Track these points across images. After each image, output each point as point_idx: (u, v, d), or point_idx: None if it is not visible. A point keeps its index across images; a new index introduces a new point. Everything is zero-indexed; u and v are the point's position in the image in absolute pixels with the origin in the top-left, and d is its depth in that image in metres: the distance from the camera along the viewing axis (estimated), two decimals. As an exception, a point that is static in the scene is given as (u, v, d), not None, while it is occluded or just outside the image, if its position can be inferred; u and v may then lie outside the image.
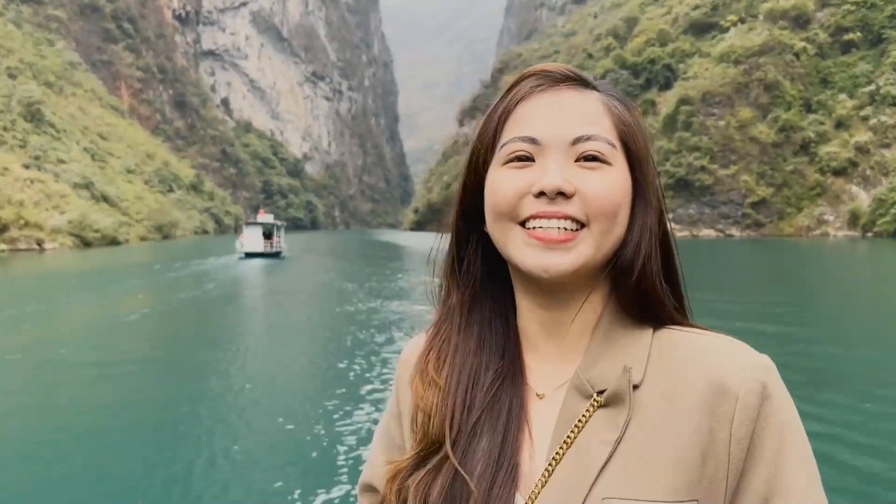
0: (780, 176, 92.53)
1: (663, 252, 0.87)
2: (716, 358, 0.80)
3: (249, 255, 49.90)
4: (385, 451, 0.99)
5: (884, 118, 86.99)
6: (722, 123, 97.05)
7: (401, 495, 0.87)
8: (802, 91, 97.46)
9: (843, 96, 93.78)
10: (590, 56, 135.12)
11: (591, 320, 0.87)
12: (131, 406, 9.79)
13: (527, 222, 0.81)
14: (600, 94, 0.87)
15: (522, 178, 0.81)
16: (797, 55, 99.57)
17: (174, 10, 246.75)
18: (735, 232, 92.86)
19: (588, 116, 0.83)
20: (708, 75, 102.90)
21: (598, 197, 0.80)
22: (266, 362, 13.18)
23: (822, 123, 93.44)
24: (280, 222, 58.56)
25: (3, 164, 73.33)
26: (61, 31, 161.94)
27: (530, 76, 0.87)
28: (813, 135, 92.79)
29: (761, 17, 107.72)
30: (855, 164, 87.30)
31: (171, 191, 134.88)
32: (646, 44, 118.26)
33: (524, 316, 0.90)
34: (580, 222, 0.80)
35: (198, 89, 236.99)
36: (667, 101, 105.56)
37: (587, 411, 0.81)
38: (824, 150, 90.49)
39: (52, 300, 23.32)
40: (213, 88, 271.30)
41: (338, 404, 9.60)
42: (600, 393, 0.81)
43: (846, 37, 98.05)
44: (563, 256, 0.79)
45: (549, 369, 0.88)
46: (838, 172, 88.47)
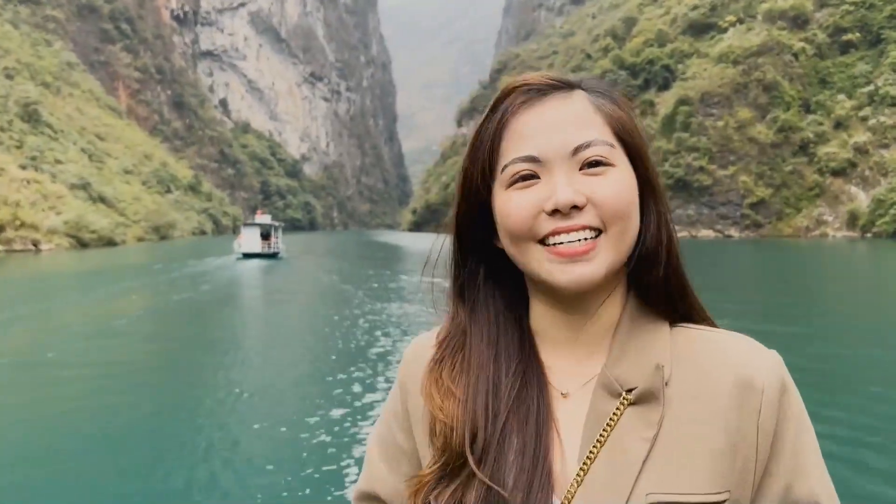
0: (778, 176, 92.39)
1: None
2: (739, 355, 0.83)
3: (247, 256, 50.05)
4: (387, 458, 0.97)
5: (883, 118, 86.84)
6: (720, 124, 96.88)
7: None
8: (801, 91, 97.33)
9: (841, 97, 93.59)
10: (588, 57, 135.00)
11: (612, 318, 0.88)
12: (126, 408, 9.64)
13: (546, 239, 0.81)
14: (587, 93, 0.87)
15: (532, 198, 0.82)
16: (796, 55, 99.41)
17: (172, 11, 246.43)
18: (734, 232, 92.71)
19: (582, 122, 0.83)
20: (706, 76, 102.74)
21: (609, 202, 0.80)
22: (262, 363, 13.01)
23: (821, 124, 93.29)
24: (278, 223, 58.65)
25: (0, 165, 73.07)
26: (59, 31, 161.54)
27: (514, 91, 0.86)
28: (812, 135, 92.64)
29: (760, 18, 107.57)
30: (854, 165, 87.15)
31: (168, 191, 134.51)
32: (644, 44, 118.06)
33: (541, 317, 0.91)
34: (597, 229, 0.81)
35: (196, 90, 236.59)
36: (665, 102, 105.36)
37: (617, 409, 0.82)
38: (823, 150, 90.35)
39: (46, 301, 23.08)
40: (211, 89, 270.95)
41: (336, 406, 9.47)
42: (629, 391, 0.82)
43: (845, 37, 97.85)
44: (587, 267, 0.80)
45: (570, 367, 0.88)
46: (837, 173, 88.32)
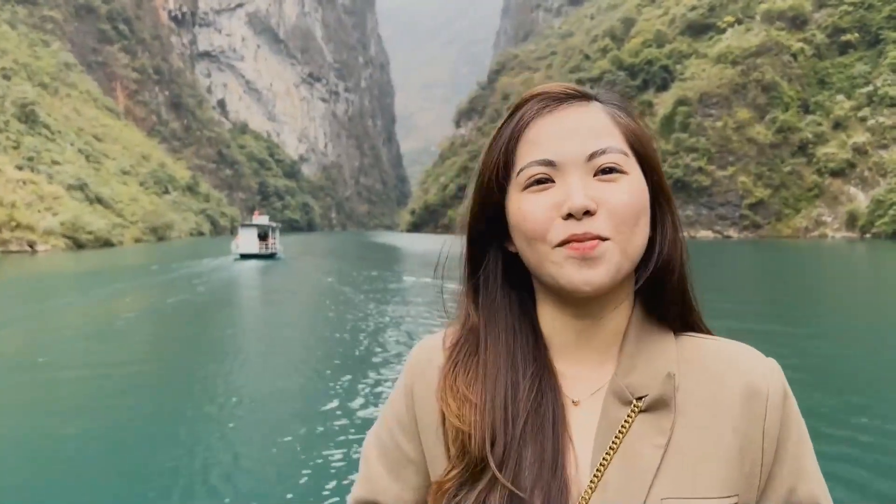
0: (777, 177, 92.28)
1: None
2: (744, 363, 0.87)
3: (245, 257, 50.06)
4: (389, 465, 0.96)
5: (882, 119, 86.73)
6: (719, 124, 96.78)
7: None
8: (800, 92, 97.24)
9: (840, 97, 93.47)
10: (587, 57, 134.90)
11: (619, 325, 0.90)
12: (121, 411, 9.51)
13: (562, 244, 0.83)
14: (602, 104, 0.89)
15: (548, 201, 0.84)
16: (794, 56, 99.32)
17: (170, 12, 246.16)
18: (733, 233, 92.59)
19: (598, 130, 0.86)
20: (705, 76, 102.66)
21: (620, 208, 0.82)
22: (259, 365, 12.89)
23: (820, 124, 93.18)
24: (275, 224, 58.87)
25: (-4, 166, 72.87)
26: (56, 32, 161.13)
27: (533, 98, 0.89)
28: (811, 136, 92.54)
29: (758, 18, 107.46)
30: (853, 166, 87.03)
31: (166, 192, 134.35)
32: (643, 45, 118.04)
33: (552, 324, 0.92)
34: (606, 238, 0.83)
35: (194, 91, 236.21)
36: (664, 103, 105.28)
37: (629, 417, 0.84)
38: (822, 151, 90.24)
39: (40, 303, 22.86)
40: (209, 90, 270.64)
41: (334, 408, 9.39)
42: (640, 399, 0.85)
43: (844, 37, 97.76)
44: (598, 268, 0.82)
45: (581, 375, 0.90)
46: (836, 173, 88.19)
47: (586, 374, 0.90)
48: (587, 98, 0.89)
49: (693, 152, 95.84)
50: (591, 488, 0.82)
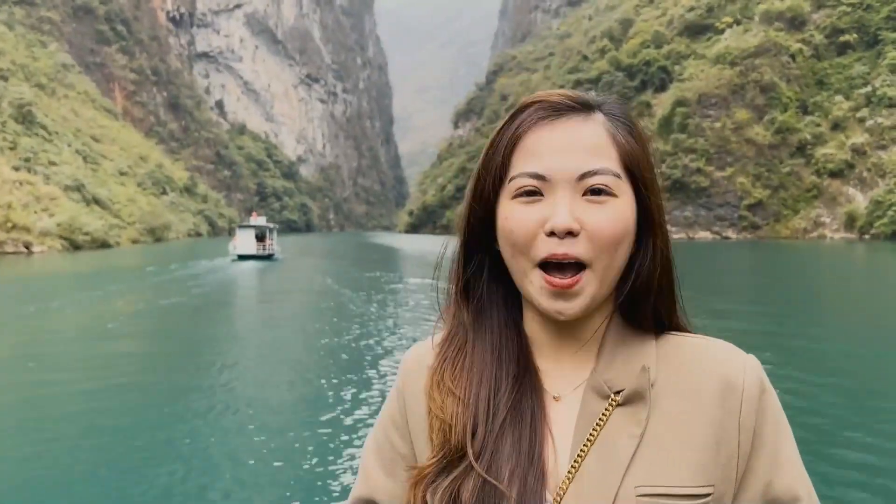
0: (776, 178, 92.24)
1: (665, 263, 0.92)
2: (719, 358, 0.89)
3: (242, 258, 50.27)
4: (384, 464, 0.99)
5: (880, 120, 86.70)
6: (718, 125, 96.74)
7: (427, 499, 0.89)
8: (798, 92, 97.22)
9: (839, 98, 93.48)
10: (585, 58, 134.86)
11: (600, 326, 0.92)
12: (116, 413, 9.38)
13: (542, 262, 0.85)
14: (604, 117, 0.89)
15: (534, 216, 0.85)
16: (793, 56, 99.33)
17: (168, 12, 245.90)
18: (731, 234, 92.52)
19: (593, 148, 0.86)
20: (703, 77, 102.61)
21: (602, 233, 0.84)
22: (256, 367, 12.77)
23: (819, 125, 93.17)
24: (273, 225, 59.08)
25: (-8, 167, 72.58)
26: (54, 32, 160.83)
27: (533, 104, 0.89)
28: (809, 136, 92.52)
29: (757, 19, 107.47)
30: (851, 166, 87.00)
31: (164, 193, 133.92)
32: (641, 45, 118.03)
33: (534, 326, 0.94)
34: (584, 263, 0.84)
35: (192, 91, 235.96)
36: (662, 103, 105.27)
37: (607, 410, 0.87)
38: (821, 151, 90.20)
39: (30, 305, 22.61)
40: (207, 91, 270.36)
41: (331, 410, 9.31)
42: (617, 393, 0.87)
43: (842, 38, 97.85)
44: (573, 302, 0.85)
45: (562, 373, 0.92)
46: (835, 174, 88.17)
47: (567, 371, 0.92)
48: (589, 108, 0.89)
49: (691, 153, 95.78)
50: (568, 478, 0.84)
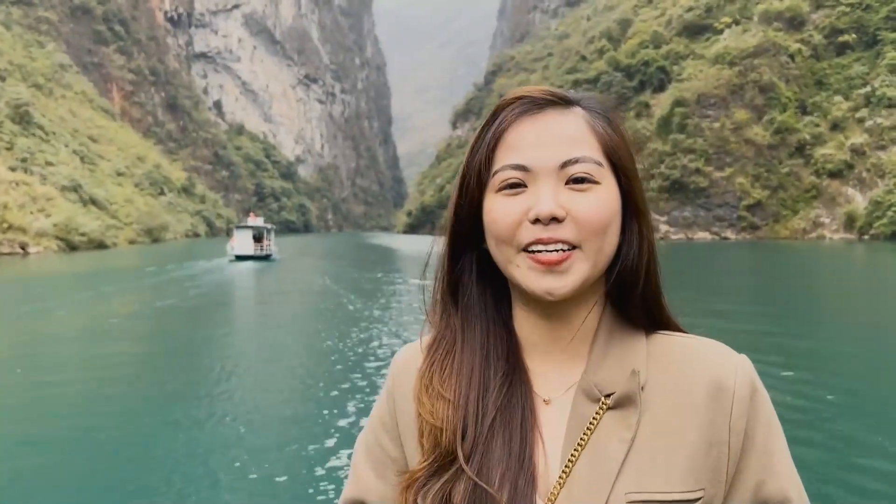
0: (775, 178, 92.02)
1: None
2: (710, 359, 0.88)
3: (240, 258, 50.50)
4: (374, 465, 0.99)
5: (879, 120, 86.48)
6: (717, 125, 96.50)
7: (419, 503, 0.88)
8: (797, 93, 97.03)
9: (838, 98, 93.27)
10: (583, 58, 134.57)
11: (590, 327, 0.92)
12: (108, 416, 9.23)
13: (527, 248, 0.85)
14: (583, 110, 0.90)
15: (518, 206, 0.86)
16: (792, 57, 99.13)
17: (166, 13, 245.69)
18: (730, 234, 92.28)
19: (574, 138, 0.87)
20: (702, 77, 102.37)
21: (588, 218, 0.84)
22: (252, 368, 12.68)
23: (818, 125, 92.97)
24: (270, 225, 59.27)
25: (-11, 167, 72.28)
26: (52, 33, 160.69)
27: (514, 101, 0.90)
28: (808, 137, 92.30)
29: (755, 19, 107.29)
30: (851, 167, 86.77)
31: (162, 193, 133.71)
32: (639, 46, 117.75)
33: (524, 325, 0.94)
34: (573, 245, 0.84)
35: (190, 92, 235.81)
36: (661, 103, 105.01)
37: (597, 414, 0.86)
38: (820, 152, 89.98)
39: (19, 307, 22.36)
40: (205, 91, 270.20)
41: (327, 411, 9.27)
42: (608, 396, 0.86)
43: (841, 38, 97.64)
44: (563, 279, 0.84)
45: (551, 374, 0.92)
46: (834, 175, 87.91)
47: (557, 372, 0.92)
48: (568, 103, 0.90)
49: (690, 153, 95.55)
50: (559, 483, 0.83)
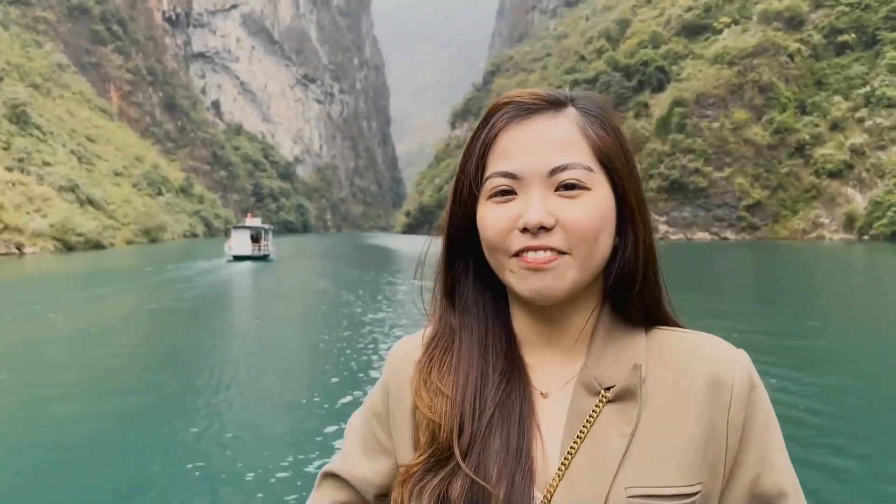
0: (774, 178, 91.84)
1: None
2: (709, 354, 0.88)
3: (237, 259, 50.61)
4: (364, 448, 1.01)
5: (879, 120, 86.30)
6: (716, 125, 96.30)
7: (415, 498, 0.89)
8: (797, 93, 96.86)
9: (837, 98, 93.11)
10: (582, 58, 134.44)
11: (588, 326, 0.92)
12: (104, 419, 9.12)
13: (517, 254, 0.85)
14: (576, 112, 0.89)
15: (507, 214, 0.86)
16: (791, 57, 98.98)
17: (164, 13, 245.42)
18: (730, 235, 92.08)
19: (563, 143, 0.86)
20: (701, 77, 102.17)
21: (577, 226, 0.83)
22: (248, 367, 12.59)
23: (817, 125, 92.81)
24: (268, 225, 59.22)
25: (-15, 167, 71.97)
26: (49, 32, 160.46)
27: (504, 105, 0.90)
28: (808, 137, 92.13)
29: (755, 19, 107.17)
30: (850, 167, 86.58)
31: (160, 193, 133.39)
32: (638, 46, 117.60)
33: (522, 322, 0.94)
34: (563, 252, 0.84)
35: (188, 92, 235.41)
36: (660, 103, 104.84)
37: (597, 407, 0.86)
38: (819, 152, 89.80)
39: (18, 307, 22.07)
40: (203, 91, 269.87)
41: (324, 410, 9.25)
42: (608, 389, 0.87)
43: (840, 38, 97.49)
44: (553, 281, 0.84)
45: (550, 369, 0.92)
46: (834, 175, 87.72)
47: (556, 367, 0.92)
48: (560, 105, 0.89)
49: (689, 153, 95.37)
50: (558, 475, 0.83)
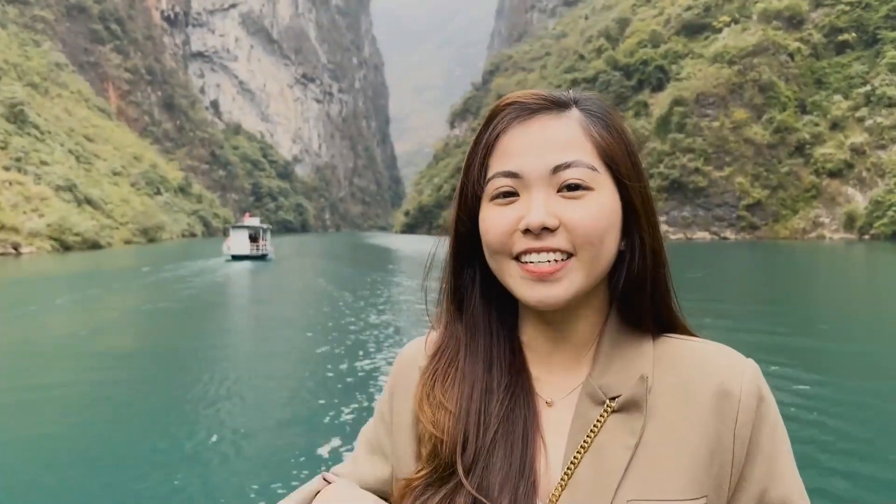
0: (775, 178, 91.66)
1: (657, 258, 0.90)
2: (717, 364, 0.86)
3: (236, 258, 50.72)
4: (369, 452, 1.01)
5: (880, 119, 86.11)
6: (716, 124, 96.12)
7: None
8: (797, 92, 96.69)
9: (838, 97, 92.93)
10: (581, 57, 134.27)
11: (595, 329, 0.91)
12: (99, 421, 9.03)
13: (520, 256, 0.84)
14: (579, 112, 0.87)
15: (509, 215, 0.84)
16: (791, 56, 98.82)
17: (162, 12, 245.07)
18: (730, 234, 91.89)
19: (566, 143, 0.84)
20: (701, 76, 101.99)
21: (581, 227, 0.82)
22: (246, 368, 12.51)
23: (817, 125, 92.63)
24: (266, 225, 59.32)
25: (-18, 167, 71.66)
26: (47, 31, 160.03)
27: (506, 106, 0.88)
28: (808, 136, 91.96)
29: (755, 18, 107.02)
30: (851, 166, 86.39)
31: (158, 193, 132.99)
32: (638, 45, 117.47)
33: (529, 330, 0.93)
34: (567, 252, 0.83)
35: (187, 91, 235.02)
36: (659, 103, 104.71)
37: (601, 416, 0.85)
38: (819, 151, 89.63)
39: (12, 308, 21.78)
40: (202, 90, 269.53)
41: (322, 411, 9.16)
42: (613, 399, 0.85)
43: (841, 37, 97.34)
44: (555, 288, 0.83)
45: (555, 378, 0.91)
46: (834, 174, 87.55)
47: (561, 375, 0.91)
48: (563, 106, 0.88)
49: (689, 153, 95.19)
50: (561, 485, 0.82)
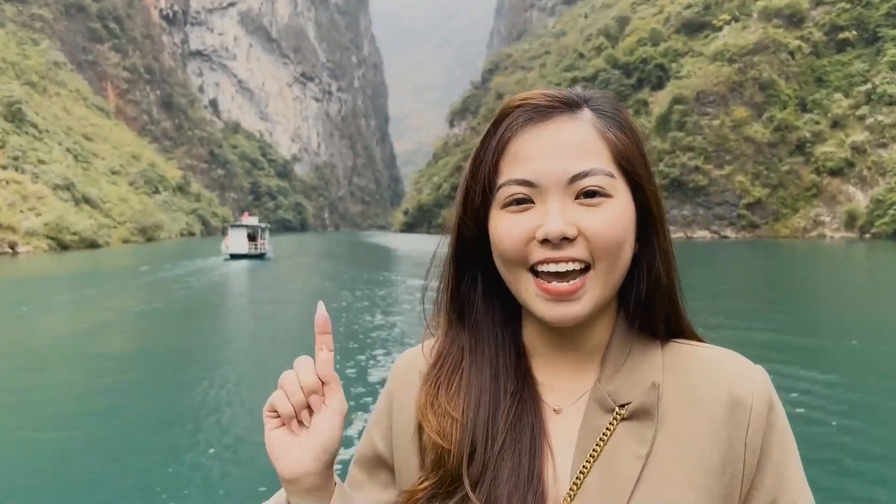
0: (775, 176, 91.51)
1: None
2: (728, 372, 0.84)
3: (234, 257, 50.89)
4: (367, 469, 0.98)
5: (880, 117, 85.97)
6: (716, 123, 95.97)
7: None
8: (797, 90, 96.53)
9: (838, 95, 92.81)
10: (581, 56, 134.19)
11: (604, 334, 0.89)
12: (97, 421, 8.96)
13: (535, 266, 0.81)
14: (592, 113, 0.85)
15: (524, 224, 0.81)
16: (792, 54, 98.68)
17: (161, 10, 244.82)
18: (730, 233, 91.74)
19: (582, 148, 0.81)
20: (701, 74, 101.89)
21: (601, 236, 0.79)
22: (245, 368, 12.44)
23: (818, 123, 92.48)
24: (265, 224, 59.49)
25: (-21, 165, 71.38)
26: (46, 30, 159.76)
27: (516, 108, 0.85)
28: (808, 134, 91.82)
29: (755, 16, 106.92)
30: (851, 165, 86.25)
31: (156, 192, 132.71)
32: (637, 43, 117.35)
33: (534, 336, 0.91)
34: (586, 262, 0.80)
35: (185, 90, 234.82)
36: (659, 101, 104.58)
37: (611, 424, 0.83)
38: (820, 149, 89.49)
39: (11, 308, 21.52)
40: (200, 89, 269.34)
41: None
42: (622, 406, 0.83)
43: (841, 35, 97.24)
44: (574, 306, 0.81)
45: (562, 384, 0.89)
46: (834, 173, 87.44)
47: (568, 380, 0.89)
48: (575, 106, 0.84)
49: (689, 151, 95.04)
50: (570, 496, 0.81)
